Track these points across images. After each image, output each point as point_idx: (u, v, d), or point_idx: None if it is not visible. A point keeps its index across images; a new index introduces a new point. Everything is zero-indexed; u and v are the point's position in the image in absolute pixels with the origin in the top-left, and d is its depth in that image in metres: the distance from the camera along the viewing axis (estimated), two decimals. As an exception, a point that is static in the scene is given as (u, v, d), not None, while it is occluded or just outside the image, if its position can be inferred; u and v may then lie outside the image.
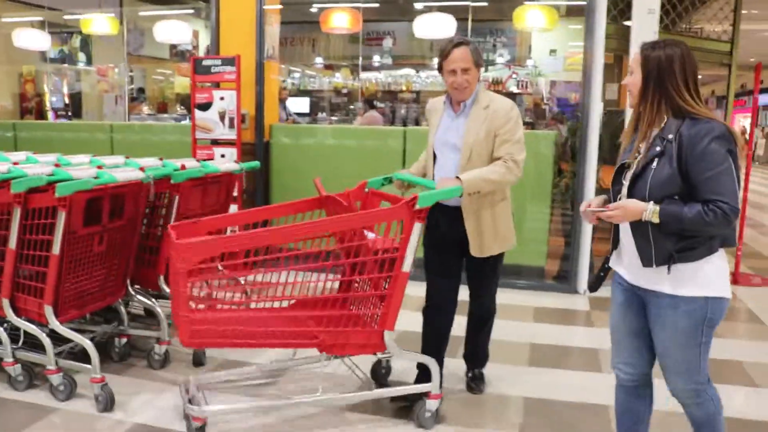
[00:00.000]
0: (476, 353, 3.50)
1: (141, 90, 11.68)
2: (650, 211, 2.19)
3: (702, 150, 2.16)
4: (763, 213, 11.69)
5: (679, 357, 2.30)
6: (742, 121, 33.22)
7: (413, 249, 2.85)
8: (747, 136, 30.34)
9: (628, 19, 5.47)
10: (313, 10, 10.04)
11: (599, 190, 5.54)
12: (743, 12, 15.01)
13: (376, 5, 10.45)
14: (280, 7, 6.18)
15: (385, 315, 2.89)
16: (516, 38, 12.29)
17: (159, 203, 3.87)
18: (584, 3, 5.35)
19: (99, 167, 3.46)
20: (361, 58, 11.77)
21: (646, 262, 2.26)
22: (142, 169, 3.46)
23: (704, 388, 2.34)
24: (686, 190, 2.20)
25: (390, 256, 2.85)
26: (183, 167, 3.75)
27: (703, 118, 2.22)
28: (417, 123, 10.28)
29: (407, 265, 2.85)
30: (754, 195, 14.68)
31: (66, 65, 11.01)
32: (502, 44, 12.69)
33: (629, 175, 2.34)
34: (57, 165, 3.52)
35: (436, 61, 3.20)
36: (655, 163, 2.25)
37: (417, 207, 2.80)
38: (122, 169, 3.41)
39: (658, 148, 2.25)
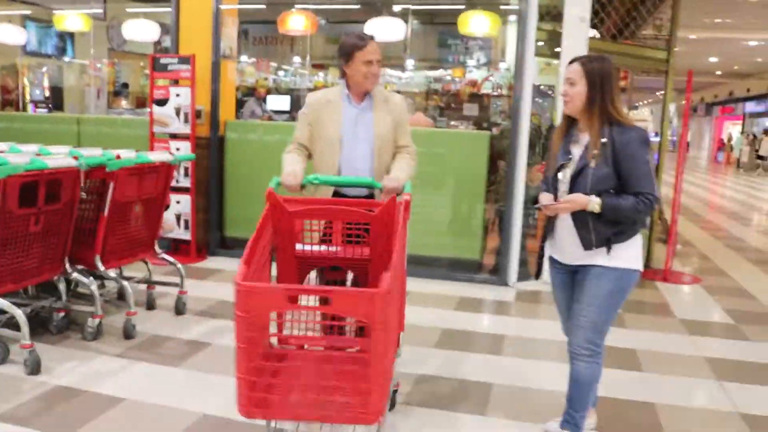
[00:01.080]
0: None
1: (125, 85, 12.00)
2: (594, 202, 2.65)
3: (631, 152, 2.66)
4: (730, 220, 12.02)
5: (592, 315, 2.75)
6: (730, 128, 33.55)
7: None
8: (732, 144, 30.61)
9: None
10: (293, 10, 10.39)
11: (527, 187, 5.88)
12: (716, 21, 15.35)
13: (354, 6, 10.78)
14: (237, 7, 6.52)
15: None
16: (491, 41, 12.61)
17: (100, 189, 4.20)
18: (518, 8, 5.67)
19: (38, 155, 3.81)
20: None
21: (587, 246, 2.73)
22: (75, 158, 3.79)
23: (599, 351, 2.80)
24: (618, 186, 2.68)
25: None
26: (118, 157, 4.08)
27: (628, 125, 2.70)
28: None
29: None
30: (733, 203, 15.05)
31: (52, 58, 11.38)
32: (478, 47, 13.04)
33: (568, 173, 2.77)
34: (0, 152, 3.87)
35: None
36: (593, 163, 2.67)
37: None
38: (55, 157, 3.74)
39: (595, 151, 2.68)
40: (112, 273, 4.31)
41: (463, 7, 10.12)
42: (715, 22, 15.63)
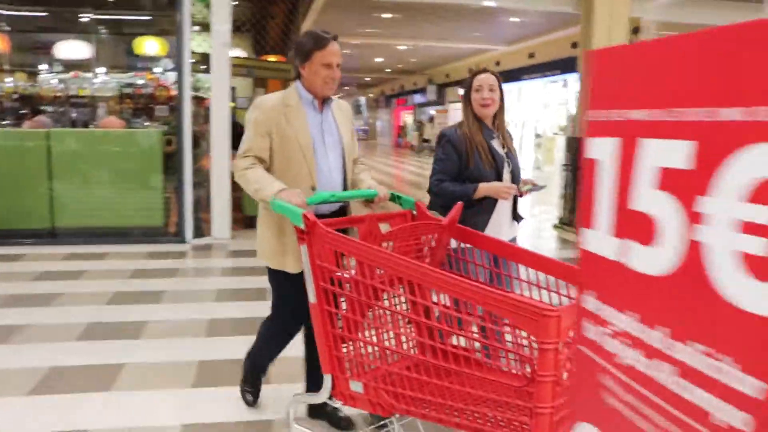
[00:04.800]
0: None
1: None
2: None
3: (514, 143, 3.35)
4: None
5: None
6: (405, 116, 39.07)
7: None
8: (406, 130, 35.59)
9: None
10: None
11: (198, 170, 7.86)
12: (368, 30, 18.56)
13: (41, 14, 11.72)
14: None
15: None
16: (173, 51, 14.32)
17: None
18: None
19: None
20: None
21: (518, 220, 3.34)
22: None
23: None
24: None
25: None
26: None
27: None
28: (86, 125, 11.81)
29: None
30: (391, 178, 18.50)
31: None
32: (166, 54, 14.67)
33: (508, 165, 3.24)
34: None
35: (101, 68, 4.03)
36: (515, 153, 3.30)
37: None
38: None
39: (513, 144, 3.32)
40: None
41: (149, 18, 11.75)
42: (367, 32, 18.97)
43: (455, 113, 30.10)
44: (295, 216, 2.32)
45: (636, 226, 1.09)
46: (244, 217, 8.68)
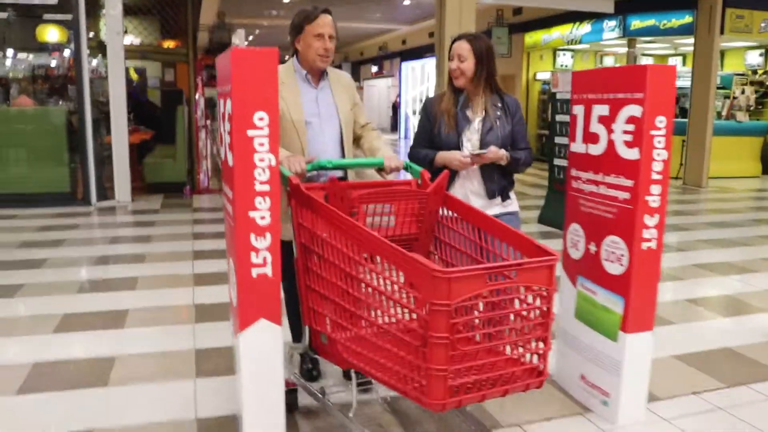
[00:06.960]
0: None
1: None
2: (505, 155, 3.03)
3: (520, 115, 3.13)
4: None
5: None
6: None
7: None
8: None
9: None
10: None
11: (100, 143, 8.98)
12: (273, 12, 19.53)
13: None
14: None
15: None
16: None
17: None
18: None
19: None
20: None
21: (491, 195, 3.11)
22: None
23: None
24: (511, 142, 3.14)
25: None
26: None
27: (507, 93, 3.14)
28: (-1, 104, 12.60)
29: None
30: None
31: None
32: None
33: (475, 134, 3.08)
34: None
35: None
36: (498, 123, 3.07)
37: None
38: None
39: (498, 113, 3.06)
40: None
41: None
42: (273, 14, 20.02)
43: (370, 90, 31.35)
44: (283, 179, 2.51)
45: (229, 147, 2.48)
46: (145, 185, 9.92)
